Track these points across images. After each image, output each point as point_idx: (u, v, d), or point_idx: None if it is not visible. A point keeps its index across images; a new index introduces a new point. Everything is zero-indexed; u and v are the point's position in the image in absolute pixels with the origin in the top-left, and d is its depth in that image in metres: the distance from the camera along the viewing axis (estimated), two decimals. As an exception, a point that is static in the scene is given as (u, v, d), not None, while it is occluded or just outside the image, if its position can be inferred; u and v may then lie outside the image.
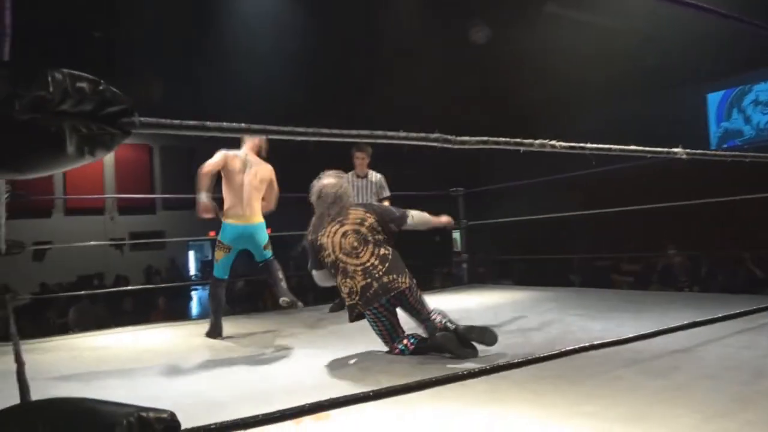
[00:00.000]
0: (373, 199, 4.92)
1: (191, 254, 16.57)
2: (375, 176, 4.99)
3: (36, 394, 2.41)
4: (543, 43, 9.33)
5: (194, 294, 12.21)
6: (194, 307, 10.81)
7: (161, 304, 7.29)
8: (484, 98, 10.90)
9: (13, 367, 2.41)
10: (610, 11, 9.08)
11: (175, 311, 7.98)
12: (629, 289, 6.69)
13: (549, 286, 5.80)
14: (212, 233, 14.13)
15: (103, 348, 3.67)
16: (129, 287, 8.54)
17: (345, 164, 4.91)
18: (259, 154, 3.93)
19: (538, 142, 1.10)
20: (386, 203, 4.93)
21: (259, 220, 3.87)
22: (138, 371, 2.75)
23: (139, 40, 9.58)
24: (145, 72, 10.72)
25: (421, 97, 10.02)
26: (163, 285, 9.76)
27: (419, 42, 9.70)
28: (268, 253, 3.91)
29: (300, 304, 3.75)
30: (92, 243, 9.38)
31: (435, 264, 10.57)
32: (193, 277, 15.56)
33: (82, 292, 7.12)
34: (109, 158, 14.82)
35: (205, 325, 3.83)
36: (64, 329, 7.34)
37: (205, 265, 16.33)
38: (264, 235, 3.91)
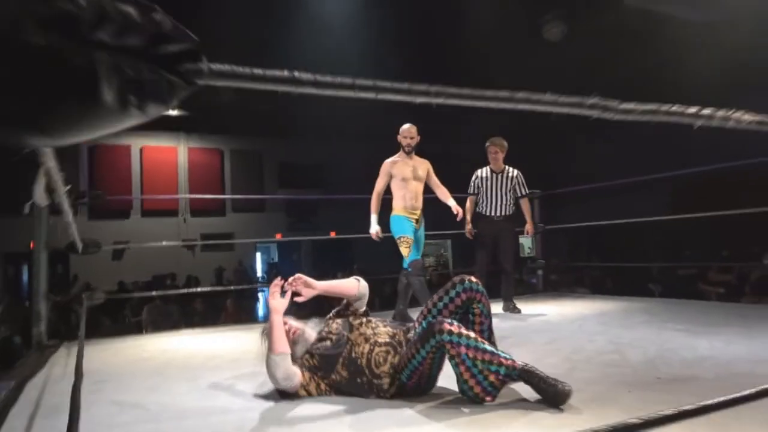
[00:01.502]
0: (510, 196, 4.72)
1: (258, 256, 16.88)
2: (512, 171, 4.78)
3: (105, 397, 2.37)
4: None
5: (261, 296, 12.37)
6: (260, 309, 10.92)
7: (229, 306, 7.35)
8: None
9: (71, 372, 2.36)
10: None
11: (243, 313, 8.04)
12: (719, 301, 6.17)
13: (626, 295, 5.40)
14: (279, 235, 14.26)
15: (173, 350, 3.64)
16: (199, 288, 8.69)
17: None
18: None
19: (720, 114, 0.86)
20: (525, 203, 4.84)
21: None
22: (206, 377, 2.65)
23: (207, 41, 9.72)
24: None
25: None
26: (232, 287, 9.89)
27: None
28: (405, 261, 4.15)
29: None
30: (164, 243, 9.63)
31: (498, 272, 10.18)
32: (260, 279, 15.82)
33: (153, 293, 7.28)
34: (182, 161, 15.35)
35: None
36: (140, 327, 7.55)
37: (272, 267, 16.60)
38: (393, 228, 4.23)
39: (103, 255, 13.00)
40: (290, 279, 2.28)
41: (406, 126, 4.21)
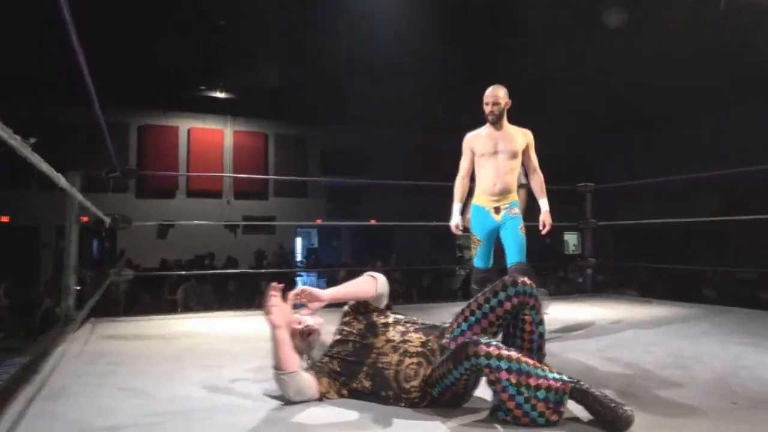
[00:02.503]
0: None
1: (298, 240, 16.91)
2: None
3: (114, 382, 2.18)
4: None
5: (299, 280, 12.34)
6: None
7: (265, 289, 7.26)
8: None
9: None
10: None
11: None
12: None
13: (677, 300, 5.00)
14: (319, 221, 14.33)
15: (201, 333, 3.50)
16: (236, 270, 8.67)
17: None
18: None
19: None
20: (521, 193, 4.09)
21: None
22: (227, 366, 2.49)
23: (256, 25, 9.65)
24: (262, 56, 10.89)
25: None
26: (263, 270, 9.86)
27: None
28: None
29: None
30: (200, 222, 9.65)
31: (546, 268, 9.81)
32: (299, 263, 15.83)
33: (182, 272, 7.27)
34: (228, 144, 15.46)
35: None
36: (175, 306, 7.57)
37: (311, 252, 16.59)
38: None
39: (148, 232, 13.34)
40: (292, 293, 1.99)
41: (488, 89, 3.36)
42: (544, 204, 3.39)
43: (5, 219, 12.98)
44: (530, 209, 4.02)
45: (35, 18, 7.40)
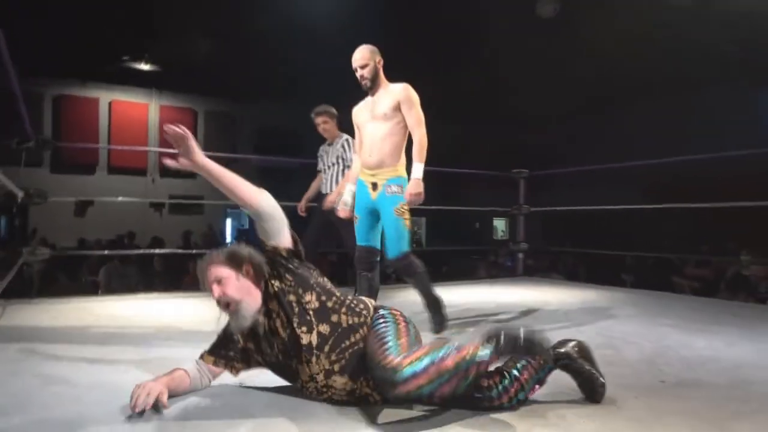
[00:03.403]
0: (336, 169, 4.07)
1: (228, 221, 16.44)
2: (340, 140, 4.09)
3: (30, 368, 1.99)
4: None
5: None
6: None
7: (192, 270, 6.99)
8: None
9: None
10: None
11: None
12: (695, 296, 6.08)
13: (598, 283, 5.25)
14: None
15: (125, 316, 3.31)
16: (161, 250, 8.30)
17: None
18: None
19: None
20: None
21: None
22: (154, 351, 2.35)
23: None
24: (188, 29, 10.37)
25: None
26: (199, 251, 9.49)
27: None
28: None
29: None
30: (124, 199, 9.17)
31: (476, 252, 10.03)
32: (228, 245, 15.42)
33: (106, 252, 6.90)
34: (153, 119, 14.71)
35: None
36: (96, 288, 7.14)
37: (241, 233, 16.18)
38: None
39: (65, 210, 12.52)
40: (173, 129, 1.54)
41: (354, 54, 2.91)
42: (415, 170, 2.76)
43: None
44: (468, 194, 4.03)
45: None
